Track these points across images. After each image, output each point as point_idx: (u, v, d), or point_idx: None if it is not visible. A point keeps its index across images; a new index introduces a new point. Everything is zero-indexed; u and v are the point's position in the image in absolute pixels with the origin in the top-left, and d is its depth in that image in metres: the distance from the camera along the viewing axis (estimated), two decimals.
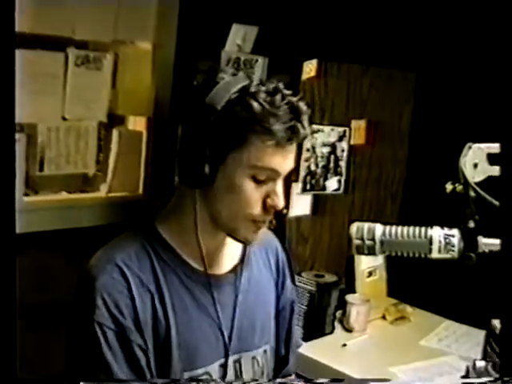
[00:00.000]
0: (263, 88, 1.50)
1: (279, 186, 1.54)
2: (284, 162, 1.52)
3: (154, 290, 1.54)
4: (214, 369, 1.63)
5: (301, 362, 2.15)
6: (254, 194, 1.51)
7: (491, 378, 1.46)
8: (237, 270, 1.72)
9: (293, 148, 1.54)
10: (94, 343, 1.47)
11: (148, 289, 1.53)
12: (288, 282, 1.91)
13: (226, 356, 1.66)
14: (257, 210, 1.52)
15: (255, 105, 1.46)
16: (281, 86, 1.53)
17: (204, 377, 1.60)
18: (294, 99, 1.51)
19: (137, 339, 1.50)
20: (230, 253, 1.72)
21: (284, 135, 1.47)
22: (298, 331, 2.07)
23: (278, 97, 1.48)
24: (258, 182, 1.51)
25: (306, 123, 1.51)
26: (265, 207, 1.53)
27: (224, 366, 1.65)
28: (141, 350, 1.51)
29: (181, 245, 1.61)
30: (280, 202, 1.53)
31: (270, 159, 1.49)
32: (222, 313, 1.65)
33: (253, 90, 1.49)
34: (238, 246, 1.75)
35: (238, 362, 1.70)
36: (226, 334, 1.66)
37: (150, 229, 1.62)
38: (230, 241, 1.69)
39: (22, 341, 1.25)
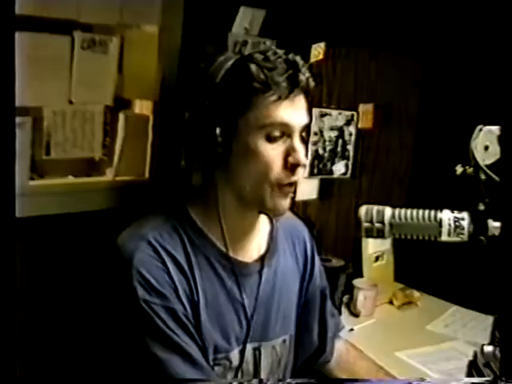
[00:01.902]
0: (255, 49, 1.53)
1: (297, 142, 1.52)
2: (294, 114, 1.51)
3: (187, 269, 1.56)
4: (234, 354, 1.64)
5: None
6: (271, 154, 1.50)
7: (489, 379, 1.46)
8: (264, 259, 1.72)
9: (300, 100, 1.53)
10: (147, 321, 1.48)
11: (181, 267, 1.55)
12: (316, 269, 1.92)
13: (245, 343, 1.66)
14: (278, 170, 1.51)
15: (251, 65, 1.48)
16: (273, 46, 1.54)
17: (223, 361, 1.62)
18: (288, 54, 1.52)
19: (181, 309, 1.52)
20: (258, 241, 1.73)
21: (285, 85, 1.48)
22: (337, 315, 2.06)
23: (271, 53, 1.50)
24: (273, 140, 1.50)
25: (304, 72, 1.52)
26: (286, 166, 1.52)
27: (242, 353, 1.65)
28: (186, 318, 1.53)
29: (210, 228, 1.62)
30: (301, 158, 1.52)
31: (278, 114, 1.48)
32: (247, 301, 1.66)
33: (246, 53, 1.52)
34: (266, 235, 1.76)
35: (257, 349, 1.70)
36: (248, 321, 1.67)
37: (181, 211, 1.63)
38: (258, 227, 1.71)
39: (23, 329, 1.25)
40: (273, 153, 1.50)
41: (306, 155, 1.59)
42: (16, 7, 1.19)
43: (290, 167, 1.52)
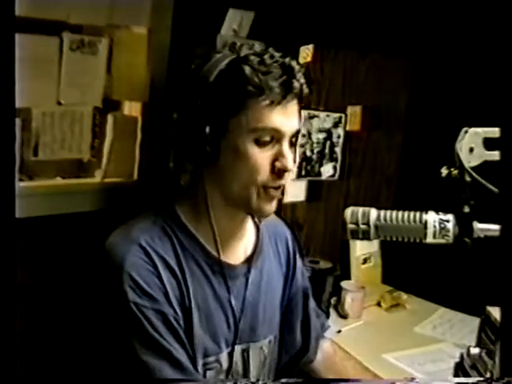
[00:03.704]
0: (252, 51, 1.52)
1: (285, 148, 1.52)
2: (285, 120, 1.50)
3: (179, 272, 1.55)
4: (224, 357, 1.64)
5: None
6: (260, 157, 1.49)
7: (481, 379, 1.47)
8: (250, 262, 1.72)
9: (293, 106, 1.52)
10: (137, 324, 1.47)
11: (173, 270, 1.54)
12: (298, 269, 1.92)
13: (233, 345, 1.66)
14: (266, 174, 1.51)
15: (245, 67, 1.47)
16: (270, 48, 1.53)
17: (214, 364, 1.62)
18: (284, 58, 1.51)
19: (172, 312, 1.51)
20: (245, 243, 1.73)
21: (278, 91, 1.47)
22: (323, 316, 2.06)
23: (267, 56, 1.49)
24: (262, 144, 1.49)
25: (299, 78, 1.51)
26: (273, 170, 1.51)
27: (230, 355, 1.66)
28: (177, 322, 1.52)
29: (198, 229, 1.61)
30: (288, 163, 1.51)
31: (269, 119, 1.48)
32: (235, 302, 1.66)
33: (242, 54, 1.51)
34: (252, 236, 1.76)
35: (246, 351, 1.71)
36: (236, 323, 1.67)
37: (169, 212, 1.62)
38: (246, 228, 1.71)
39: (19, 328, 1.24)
40: (261, 157, 1.50)
41: (296, 160, 1.58)
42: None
43: (277, 172, 1.51)
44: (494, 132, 1.38)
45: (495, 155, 1.39)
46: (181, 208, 1.62)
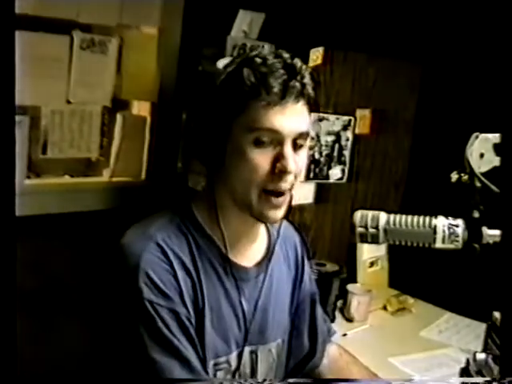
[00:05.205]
0: (259, 53, 1.51)
1: (286, 149, 1.49)
2: (286, 121, 1.48)
3: (194, 272, 1.55)
4: (233, 358, 1.64)
5: None
6: (259, 158, 1.48)
7: (488, 378, 1.47)
8: (262, 265, 1.72)
9: (295, 107, 1.49)
10: (149, 322, 1.46)
11: (188, 270, 1.54)
12: (306, 274, 1.92)
13: (243, 346, 1.66)
14: (265, 175, 1.48)
15: (245, 69, 1.47)
16: (279, 50, 1.53)
17: (224, 365, 1.61)
18: (290, 59, 1.50)
19: (185, 312, 1.51)
20: (257, 246, 1.72)
21: (277, 91, 1.45)
22: (328, 321, 2.06)
23: (270, 56, 1.48)
24: (260, 145, 1.48)
25: (301, 78, 1.49)
26: (274, 172, 1.49)
27: (239, 356, 1.66)
28: (189, 322, 1.52)
29: (213, 230, 1.61)
30: (289, 165, 1.48)
31: (268, 119, 1.46)
32: (246, 305, 1.66)
33: (249, 56, 1.51)
34: (264, 240, 1.76)
35: (254, 352, 1.70)
36: (246, 325, 1.66)
37: (186, 211, 1.62)
38: (258, 231, 1.71)
39: (21, 326, 1.24)
40: (260, 157, 1.48)
41: (302, 163, 1.56)
42: (16, 6, 1.19)
43: (278, 173, 1.49)
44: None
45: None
46: (196, 208, 1.62)
